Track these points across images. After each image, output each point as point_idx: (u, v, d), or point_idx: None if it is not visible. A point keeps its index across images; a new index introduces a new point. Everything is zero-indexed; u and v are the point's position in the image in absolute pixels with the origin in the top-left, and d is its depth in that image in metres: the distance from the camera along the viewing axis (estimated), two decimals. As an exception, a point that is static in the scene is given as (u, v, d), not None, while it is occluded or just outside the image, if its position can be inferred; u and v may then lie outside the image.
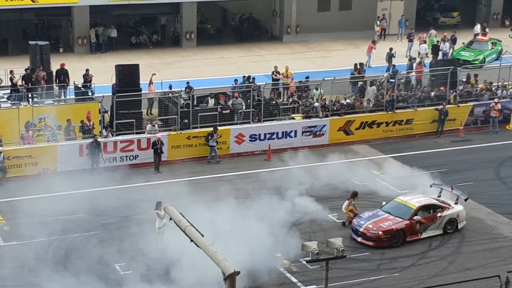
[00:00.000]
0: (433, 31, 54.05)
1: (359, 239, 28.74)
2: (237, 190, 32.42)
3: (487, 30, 55.28)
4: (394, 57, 48.79)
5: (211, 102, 37.89)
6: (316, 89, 39.79)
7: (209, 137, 36.32)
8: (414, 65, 46.20)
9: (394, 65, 45.51)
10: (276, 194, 32.09)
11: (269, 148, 37.14)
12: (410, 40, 52.71)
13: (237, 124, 37.40)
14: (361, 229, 28.91)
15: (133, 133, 35.94)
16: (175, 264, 25.81)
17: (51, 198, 31.46)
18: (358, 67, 44.62)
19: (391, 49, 49.19)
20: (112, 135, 35.40)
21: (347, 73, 44.75)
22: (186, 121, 36.48)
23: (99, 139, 34.64)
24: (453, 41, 52.45)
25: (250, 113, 37.81)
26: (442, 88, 41.27)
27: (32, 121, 34.53)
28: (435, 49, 51.24)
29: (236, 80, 40.85)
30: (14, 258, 27.29)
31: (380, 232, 28.65)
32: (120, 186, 32.96)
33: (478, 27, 55.52)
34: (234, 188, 32.65)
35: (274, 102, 38.96)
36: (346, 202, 30.30)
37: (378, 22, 55.86)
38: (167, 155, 35.75)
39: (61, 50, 50.25)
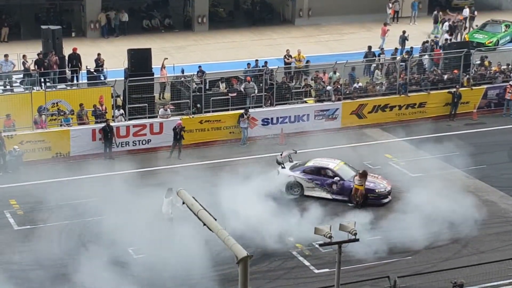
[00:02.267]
0: (439, 13, 53.78)
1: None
2: (250, 174, 32.42)
3: (475, 13, 54.41)
4: (408, 40, 48.53)
5: (222, 86, 37.84)
6: (335, 72, 39.62)
7: (240, 118, 36.36)
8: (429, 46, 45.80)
9: (412, 47, 45.01)
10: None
11: (282, 132, 37.10)
12: (435, 22, 52.21)
13: (249, 108, 37.35)
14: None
15: (145, 118, 35.99)
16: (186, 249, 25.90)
17: (64, 183, 31.59)
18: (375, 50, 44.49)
19: (404, 32, 48.91)
20: (125, 119, 35.38)
21: (359, 56, 44.59)
22: (198, 105, 36.47)
23: (111, 124, 34.70)
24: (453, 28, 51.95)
25: (262, 97, 37.77)
26: (455, 71, 41.08)
27: (45, 105, 34.63)
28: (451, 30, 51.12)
29: (248, 64, 40.77)
30: (28, 242, 27.42)
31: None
32: (133, 171, 33.00)
33: (466, 11, 54.84)
34: (248, 172, 32.63)
35: (286, 86, 38.88)
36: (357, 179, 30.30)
37: (391, 5, 55.54)
38: (179, 139, 35.79)
39: (73, 34, 50.22)
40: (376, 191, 30.51)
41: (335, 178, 30.79)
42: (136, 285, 24.78)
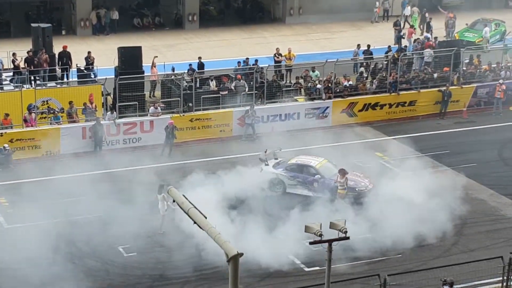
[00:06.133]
0: (415, 8, 53.82)
1: None
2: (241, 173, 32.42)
3: (427, 14, 53.62)
4: (404, 37, 48.71)
5: (212, 84, 37.82)
6: (313, 71, 39.74)
7: (245, 113, 36.39)
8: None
9: (405, 46, 45.04)
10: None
11: (272, 130, 37.07)
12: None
13: (240, 106, 37.35)
14: None
15: (136, 116, 35.94)
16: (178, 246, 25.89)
17: (54, 181, 31.50)
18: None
19: (399, 31, 49.05)
20: (115, 125, 35.09)
21: (350, 55, 44.63)
22: (190, 104, 36.45)
23: (101, 122, 34.63)
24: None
25: (253, 95, 37.76)
26: (445, 69, 41.18)
27: (34, 103, 34.55)
28: (428, 27, 51.30)
29: (239, 62, 40.77)
30: (17, 241, 27.31)
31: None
32: (123, 169, 32.94)
33: (408, 9, 54.60)
34: (237, 171, 32.63)
35: (276, 84, 38.89)
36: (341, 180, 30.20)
37: (377, 3, 55.46)
38: (169, 137, 35.73)
39: (63, 32, 50.20)
40: (357, 189, 30.42)
41: (316, 176, 30.78)
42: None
